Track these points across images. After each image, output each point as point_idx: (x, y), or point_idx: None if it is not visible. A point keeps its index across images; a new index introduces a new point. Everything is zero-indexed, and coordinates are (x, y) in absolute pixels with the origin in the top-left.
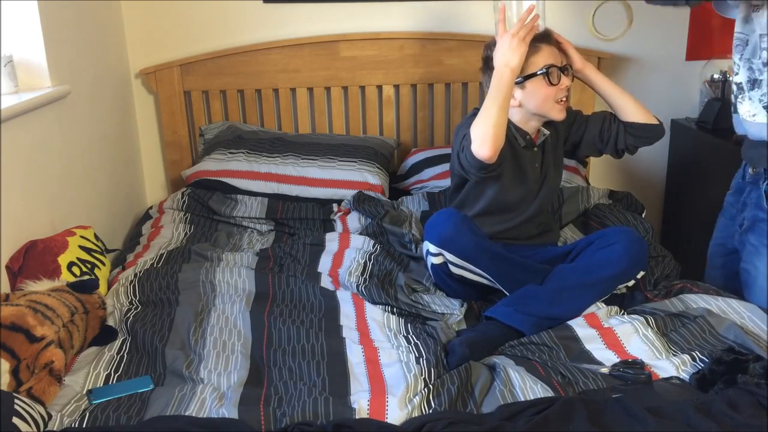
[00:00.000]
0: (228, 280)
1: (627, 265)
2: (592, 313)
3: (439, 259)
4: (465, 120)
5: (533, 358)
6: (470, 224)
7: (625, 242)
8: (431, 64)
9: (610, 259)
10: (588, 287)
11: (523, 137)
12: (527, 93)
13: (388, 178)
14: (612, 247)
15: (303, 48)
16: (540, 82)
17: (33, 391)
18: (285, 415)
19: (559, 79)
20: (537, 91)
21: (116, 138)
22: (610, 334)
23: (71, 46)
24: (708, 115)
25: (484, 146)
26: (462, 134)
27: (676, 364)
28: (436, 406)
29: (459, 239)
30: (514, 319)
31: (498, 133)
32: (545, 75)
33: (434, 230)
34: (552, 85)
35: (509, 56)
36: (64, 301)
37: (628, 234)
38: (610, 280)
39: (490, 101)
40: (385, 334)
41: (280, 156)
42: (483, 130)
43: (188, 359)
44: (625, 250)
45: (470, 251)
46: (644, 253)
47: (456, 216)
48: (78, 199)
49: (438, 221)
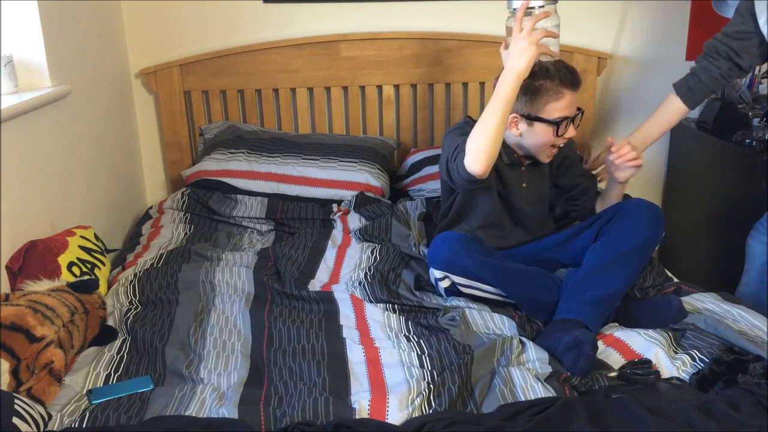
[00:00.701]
0: (228, 280)
1: (653, 231)
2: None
3: (447, 282)
4: (453, 129)
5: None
6: (467, 242)
7: (643, 209)
8: (431, 64)
9: (637, 226)
10: (626, 257)
11: (511, 155)
12: (532, 131)
13: (389, 179)
14: (633, 215)
15: (303, 48)
16: (548, 129)
17: (33, 391)
18: (285, 415)
19: (566, 130)
20: (542, 134)
21: (116, 138)
22: (609, 337)
23: (71, 46)
24: (708, 115)
25: (477, 162)
26: (451, 144)
27: (676, 365)
28: (436, 406)
29: (459, 260)
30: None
31: (493, 149)
32: (556, 126)
33: (434, 255)
34: (558, 136)
35: (519, 59)
36: (64, 301)
37: (643, 202)
38: (644, 246)
39: (492, 110)
40: (385, 334)
41: (280, 156)
42: (479, 144)
43: (188, 359)
44: (647, 217)
45: (472, 269)
46: (662, 218)
47: (451, 237)
48: (78, 199)
49: (436, 246)
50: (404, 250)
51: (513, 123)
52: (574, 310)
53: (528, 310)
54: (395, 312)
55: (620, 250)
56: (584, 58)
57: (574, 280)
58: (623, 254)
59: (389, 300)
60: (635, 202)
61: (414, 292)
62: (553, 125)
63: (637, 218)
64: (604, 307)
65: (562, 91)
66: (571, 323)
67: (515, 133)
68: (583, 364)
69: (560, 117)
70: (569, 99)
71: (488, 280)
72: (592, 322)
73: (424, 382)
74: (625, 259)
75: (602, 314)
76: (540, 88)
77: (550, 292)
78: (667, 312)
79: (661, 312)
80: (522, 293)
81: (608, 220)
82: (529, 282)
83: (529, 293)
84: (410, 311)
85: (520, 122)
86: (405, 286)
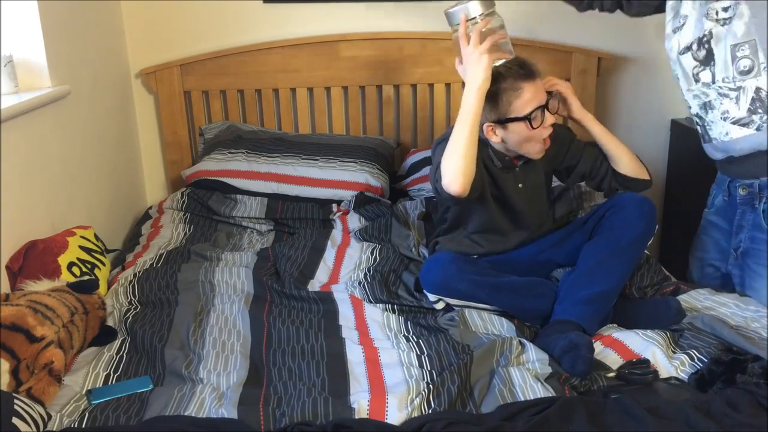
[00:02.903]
0: (227, 280)
1: (646, 225)
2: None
3: (441, 304)
4: (440, 140)
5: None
6: (459, 264)
7: (635, 203)
8: (431, 64)
9: (629, 221)
10: (620, 253)
11: (501, 159)
12: (510, 133)
13: (388, 179)
14: (625, 210)
15: (303, 48)
16: (523, 125)
17: (33, 391)
18: (284, 415)
19: (542, 121)
20: (520, 131)
21: (116, 138)
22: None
23: (71, 46)
24: None
25: (454, 182)
26: (437, 159)
27: (675, 365)
28: (435, 407)
29: (452, 283)
30: (571, 312)
31: (468, 166)
32: (528, 120)
33: (427, 279)
34: (534, 129)
35: (476, 73)
36: (64, 301)
37: (635, 196)
38: (637, 241)
39: (460, 126)
40: (385, 334)
41: (280, 156)
42: (452, 164)
43: (187, 359)
44: (639, 211)
45: (466, 291)
46: (655, 211)
47: (442, 260)
48: (78, 199)
49: (427, 270)
50: (404, 251)
51: (489, 131)
52: (569, 310)
53: (525, 320)
54: (394, 312)
55: (614, 246)
56: (584, 58)
57: (569, 281)
58: (617, 250)
59: (389, 300)
60: (627, 197)
61: (413, 292)
62: (525, 120)
63: (630, 213)
64: (599, 306)
65: (521, 86)
66: (566, 324)
67: (496, 140)
68: (581, 366)
69: (529, 110)
70: (531, 90)
71: (483, 299)
72: (587, 322)
73: (423, 382)
74: (619, 256)
75: (598, 313)
76: (498, 91)
77: (545, 300)
78: (666, 314)
79: (660, 314)
80: (517, 305)
81: (601, 217)
82: (524, 293)
83: (524, 304)
84: (410, 311)
85: (495, 129)
86: (404, 286)
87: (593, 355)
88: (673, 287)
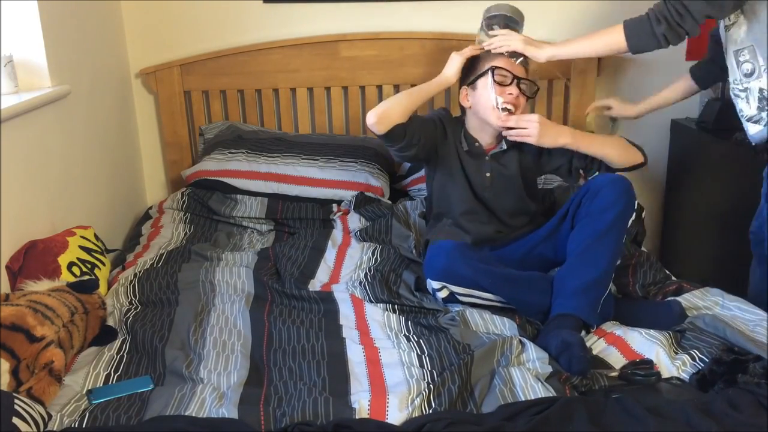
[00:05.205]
0: (228, 279)
1: (623, 204)
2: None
3: (445, 292)
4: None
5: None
6: (463, 250)
7: (609, 185)
8: (431, 64)
9: (608, 201)
10: (603, 236)
11: (471, 144)
12: (477, 95)
13: (389, 179)
14: (601, 192)
15: (303, 48)
16: (486, 82)
17: (33, 391)
18: (285, 415)
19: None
20: (484, 92)
21: (116, 138)
22: (610, 335)
23: (71, 46)
24: (708, 115)
25: (371, 114)
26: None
27: (676, 364)
28: (436, 406)
29: (456, 268)
30: (568, 306)
31: (391, 108)
32: (491, 73)
33: (431, 265)
34: (499, 85)
35: (447, 67)
36: (64, 301)
37: (608, 176)
38: (617, 221)
39: (409, 89)
40: (385, 334)
41: (280, 156)
42: (382, 103)
43: (188, 359)
44: (615, 192)
45: (470, 277)
46: (630, 187)
47: (447, 246)
48: (78, 199)
49: (432, 256)
50: (404, 252)
51: (464, 96)
52: (565, 304)
53: (527, 314)
54: (395, 312)
55: (596, 231)
56: (584, 58)
57: (560, 273)
58: (600, 235)
59: (389, 300)
60: (599, 180)
61: (414, 292)
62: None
63: (606, 195)
64: (594, 294)
65: (494, 57)
66: (565, 319)
67: (467, 105)
68: (577, 365)
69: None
70: (504, 61)
71: (486, 287)
72: (586, 313)
73: (424, 382)
74: (603, 239)
75: (595, 300)
76: (476, 57)
77: (544, 295)
78: (668, 317)
79: (661, 317)
80: (520, 298)
81: (578, 204)
82: (528, 286)
83: (528, 298)
84: (410, 311)
85: (468, 93)
86: (405, 286)
87: (587, 353)
88: (675, 286)
